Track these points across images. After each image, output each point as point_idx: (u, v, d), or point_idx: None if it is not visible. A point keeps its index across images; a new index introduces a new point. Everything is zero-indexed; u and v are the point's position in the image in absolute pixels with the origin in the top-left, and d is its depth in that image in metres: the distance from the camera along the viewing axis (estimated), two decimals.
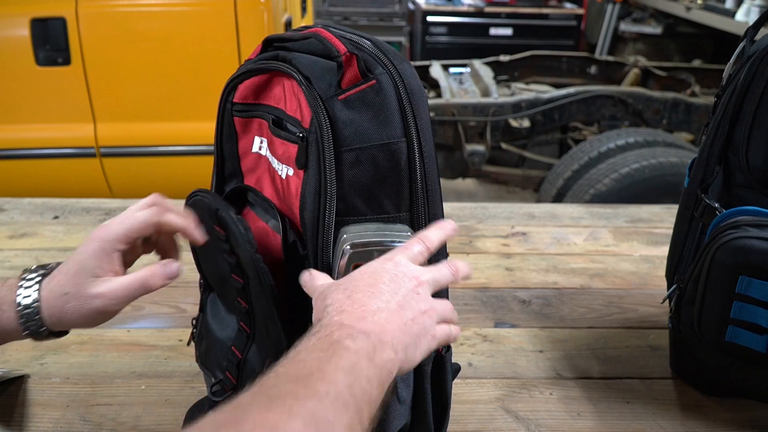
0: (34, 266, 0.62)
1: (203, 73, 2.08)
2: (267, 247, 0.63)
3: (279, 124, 0.62)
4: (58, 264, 0.61)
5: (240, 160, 0.69)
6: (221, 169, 0.71)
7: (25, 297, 0.59)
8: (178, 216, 0.63)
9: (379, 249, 0.57)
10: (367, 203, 0.59)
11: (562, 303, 1.07)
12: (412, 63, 3.54)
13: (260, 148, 0.66)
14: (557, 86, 3.07)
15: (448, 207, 1.38)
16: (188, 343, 0.80)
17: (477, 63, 3.20)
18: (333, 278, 0.57)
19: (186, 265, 1.19)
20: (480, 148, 2.69)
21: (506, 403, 0.84)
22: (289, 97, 0.61)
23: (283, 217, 0.62)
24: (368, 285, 0.51)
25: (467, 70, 3.16)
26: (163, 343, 0.94)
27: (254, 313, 0.64)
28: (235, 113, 0.67)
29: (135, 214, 0.61)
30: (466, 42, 4.73)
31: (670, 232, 0.91)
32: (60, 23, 1.99)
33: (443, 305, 0.55)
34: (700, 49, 4.70)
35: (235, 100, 0.67)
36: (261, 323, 0.63)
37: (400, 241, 0.57)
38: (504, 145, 2.81)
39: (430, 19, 4.75)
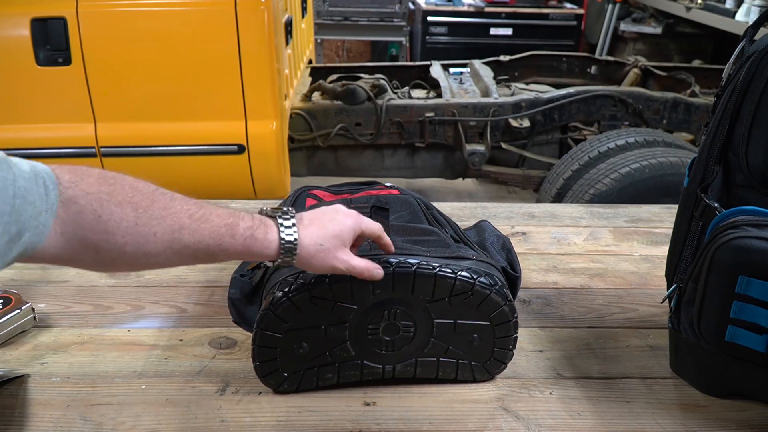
0: (283, 208, 0.72)
1: (203, 73, 2.08)
2: None
3: None
4: (295, 210, 0.73)
5: None
6: None
7: (287, 234, 0.69)
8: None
9: None
10: None
11: (562, 303, 1.07)
12: (412, 63, 3.54)
13: None
14: (557, 86, 3.07)
15: (448, 207, 1.38)
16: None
17: (477, 63, 3.19)
18: None
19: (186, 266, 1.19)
20: (480, 148, 2.68)
21: (506, 402, 0.84)
22: None
23: None
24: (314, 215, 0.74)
25: (467, 70, 3.16)
26: (163, 343, 0.94)
27: None
28: None
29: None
30: (466, 42, 4.72)
31: (670, 232, 0.91)
32: (60, 23, 1.99)
33: (369, 228, 0.75)
34: (700, 49, 4.70)
35: None
36: None
37: None
38: (504, 145, 2.81)
39: (430, 19, 4.74)
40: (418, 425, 0.80)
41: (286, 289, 0.78)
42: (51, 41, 2.00)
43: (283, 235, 0.69)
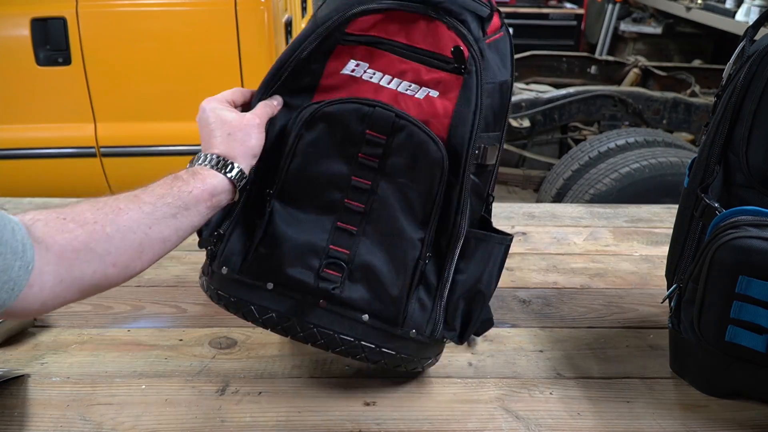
0: (199, 161, 0.71)
1: (203, 73, 2.08)
2: None
3: (424, 56, 0.74)
4: (198, 156, 0.72)
5: (321, 77, 0.77)
6: (293, 81, 0.77)
7: (228, 172, 0.70)
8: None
9: None
10: (495, 123, 0.79)
11: (562, 303, 1.07)
12: None
13: (353, 71, 0.76)
14: (557, 86, 3.07)
15: None
16: (212, 262, 0.79)
17: None
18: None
19: (186, 266, 1.19)
20: None
21: (506, 402, 0.84)
22: (422, 35, 0.74)
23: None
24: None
25: None
26: (163, 343, 0.94)
27: (372, 212, 0.75)
28: (343, 41, 0.75)
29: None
30: None
31: (670, 232, 0.91)
32: (60, 23, 1.99)
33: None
34: (700, 49, 4.70)
35: (348, 31, 0.75)
36: (384, 221, 0.76)
37: None
38: (504, 145, 2.81)
39: None
40: (418, 425, 0.80)
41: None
42: (51, 41, 2.00)
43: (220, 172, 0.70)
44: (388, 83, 0.75)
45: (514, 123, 2.72)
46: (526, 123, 2.75)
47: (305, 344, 0.79)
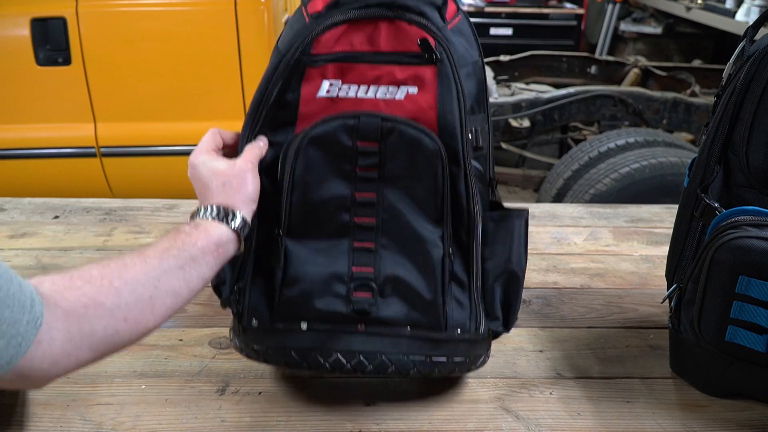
0: (200, 214, 0.70)
1: (203, 73, 2.08)
2: None
3: (394, 57, 0.73)
4: (198, 209, 0.71)
5: (298, 106, 0.75)
6: (273, 118, 0.76)
7: (231, 221, 0.69)
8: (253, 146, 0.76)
9: None
10: (477, 105, 0.79)
11: (562, 303, 1.07)
12: None
13: (329, 92, 0.74)
14: (557, 86, 3.07)
15: None
16: (240, 319, 0.78)
17: None
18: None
19: None
20: None
21: (506, 402, 0.84)
22: (387, 38, 0.73)
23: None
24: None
25: None
26: (163, 343, 0.94)
27: (385, 224, 0.75)
28: (311, 64, 0.73)
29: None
30: None
31: (670, 232, 0.91)
32: (60, 23, 1.99)
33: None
34: (700, 49, 4.70)
35: (314, 52, 0.73)
36: (398, 228, 0.75)
37: None
38: (504, 145, 2.81)
39: None
40: (418, 425, 0.80)
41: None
42: (51, 41, 2.00)
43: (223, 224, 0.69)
44: (366, 93, 0.74)
45: (514, 123, 2.72)
46: (526, 123, 2.75)
47: (355, 375, 0.78)
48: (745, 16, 3.35)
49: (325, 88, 0.74)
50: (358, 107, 0.74)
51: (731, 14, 3.51)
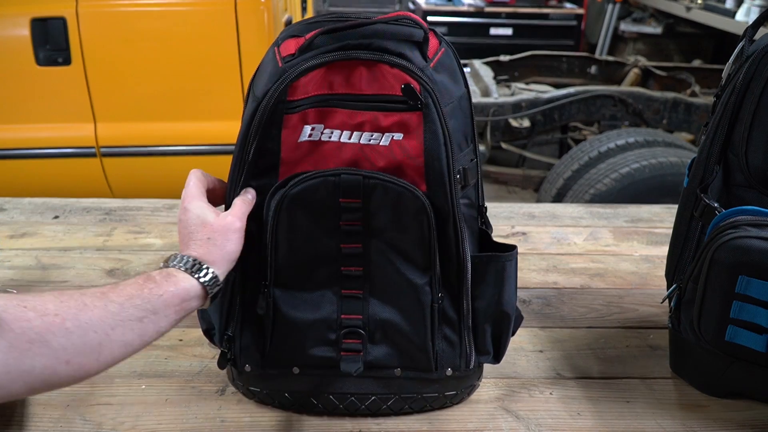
0: (174, 262, 0.68)
1: (203, 73, 2.08)
2: None
3: (376, 102, 0.70)
4: (174, 256, 0.68)
5: (280, 152, 0.72)
6: (254, 166, 0.73)
7: (202, 277, 0.67)
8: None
9: None
10: (465, 140, 0.75)
11: (562, 303, 1.07)
12: None
13: (311, 135, 0.71)
14: (557, 86, 3.08)
15: None
16: (234, 364, 0.79)
17: (477, 63, 3.20)
18: None
19: None
20: (480, 147, 2.69)
21: (506, 402, 0.84)
22: (367, 81, 0.69)
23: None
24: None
25: (467, 70, 3.16)
26: (163, 343, 0.94)
27: (372, 272, 0.74)
28: (289, 111, 0.70)
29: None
30: (466, 42, 4.72)
31: (670, 232, 0.91)
32: (60, 23, 1.99)
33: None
34: (700, 49, 4.70)
35: (291, 99, 0.69)
36: (386, 277, 0.74)
37: None
38: (504, 145, 2.81)
39: (430, 18, 4.74)
40: (418, 425, 0.80)
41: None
42: (51, 41, 2.00)
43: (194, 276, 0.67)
44: (349, 138, 0.70)
45: (514, 123, 2.72)
46: (526, 123, 2.75)
47: (350, 417, 0.80)
48: (745, 16, 3.35)
49: (307, 132, 0.71)
50: (342, 152, 0.71)
51: (731, 14, 3.51)
